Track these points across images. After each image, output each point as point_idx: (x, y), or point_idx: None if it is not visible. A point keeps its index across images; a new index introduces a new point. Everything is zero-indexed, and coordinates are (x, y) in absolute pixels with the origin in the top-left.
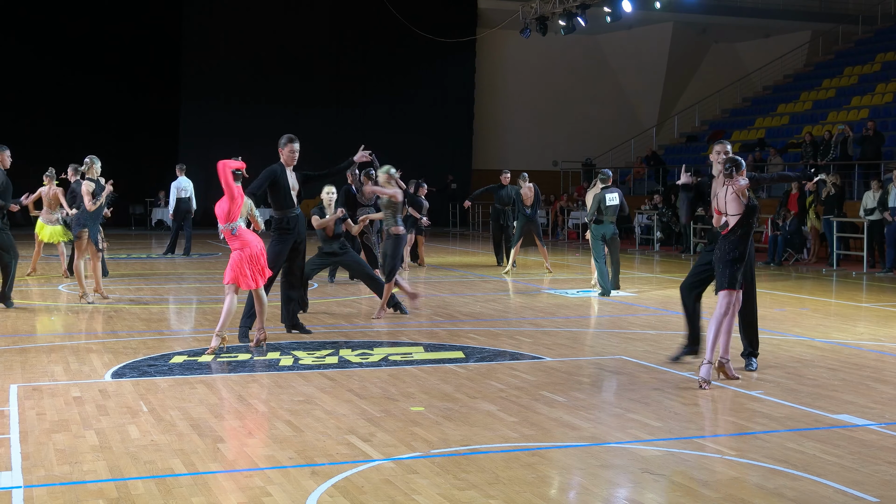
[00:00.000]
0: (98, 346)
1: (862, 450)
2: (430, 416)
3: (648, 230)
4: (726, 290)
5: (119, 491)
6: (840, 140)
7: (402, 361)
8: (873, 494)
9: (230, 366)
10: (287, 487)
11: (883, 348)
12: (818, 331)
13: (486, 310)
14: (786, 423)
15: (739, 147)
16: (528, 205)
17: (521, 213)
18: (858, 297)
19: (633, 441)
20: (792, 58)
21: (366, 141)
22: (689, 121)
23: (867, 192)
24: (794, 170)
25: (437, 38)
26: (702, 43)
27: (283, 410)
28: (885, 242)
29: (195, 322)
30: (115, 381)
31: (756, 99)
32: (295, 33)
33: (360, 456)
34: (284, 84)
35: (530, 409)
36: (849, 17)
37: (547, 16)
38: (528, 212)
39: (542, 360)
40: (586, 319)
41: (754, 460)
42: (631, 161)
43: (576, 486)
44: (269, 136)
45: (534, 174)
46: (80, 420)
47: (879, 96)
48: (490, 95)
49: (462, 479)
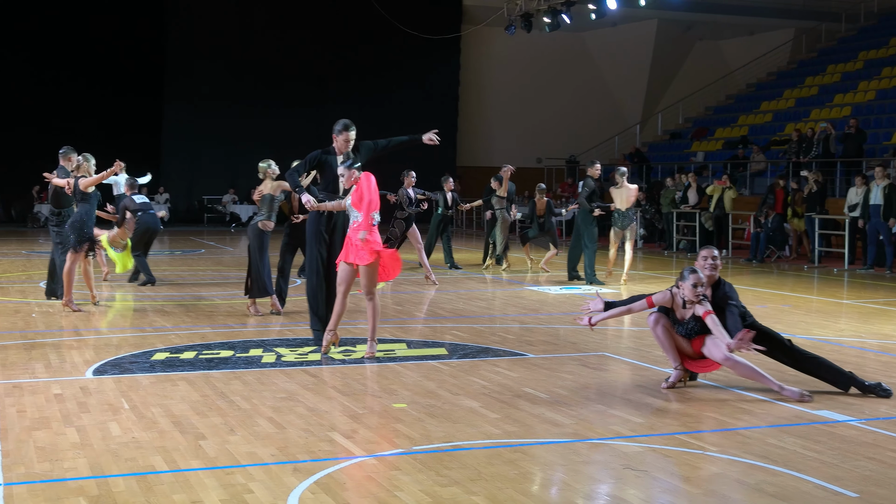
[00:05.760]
0: (79, 343)
1: (842, 445)
2: (412, 413)
3: None
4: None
5: (100, 488)
6: (823, 137)
7: (384, 358)
8: (853, 490)
9: (212, 363)
10: (269, 484)
11: (864, 344)
12: (800, 327)
13: (470, 307)
14: (766, 419)
15: (723, 144)
16: (540, 215)
17: (535, 223)
18: (840, 293)
19: (615, 437)
20: (775, 55)
21: None
22: (672, 118)
23: (851, 189)
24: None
25: (422, 34)
26: (686, 40)
27: (265, 407)
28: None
29: (177, 319)
30: (96, 378)
31: (740, 96)
32: (279, 32)
33: (342, 453)
34: (268, 82)
35: (513, 405)
36: (832, 15)
37: (532, 13)
38: (541, 221)
39: (524, 356)
40: (569, 316)
41: (735, 456)
42: (615, 158)
43: (558, 482)
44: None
45: (518, 171)
46: (61, 417)
47: (862, 94)
48: (475, 92)
49: (444, 476)
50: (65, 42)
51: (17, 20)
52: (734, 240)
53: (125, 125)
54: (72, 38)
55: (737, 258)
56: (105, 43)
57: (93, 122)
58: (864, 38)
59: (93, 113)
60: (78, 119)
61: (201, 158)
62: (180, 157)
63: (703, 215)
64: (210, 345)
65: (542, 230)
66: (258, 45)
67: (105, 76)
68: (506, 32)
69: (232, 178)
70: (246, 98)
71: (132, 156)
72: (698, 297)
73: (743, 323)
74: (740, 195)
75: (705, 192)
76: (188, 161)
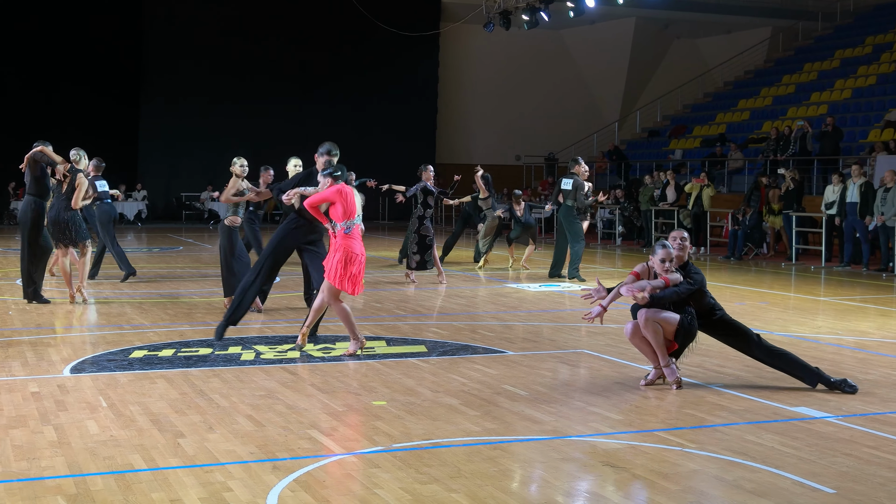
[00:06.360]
0: (56, 341)
1: (819, 442)
2: (392, 411)
3: (610, 224)
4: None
5: (78, 487)
6: (799, 135)
7: (364, 356)
8: (830, 486)
9: (190, 360)
10: (248, 482)
11: (840, 341)
12: (777, 324)
13: (449, 304)
14: (745, 415)
15: (701, 142)
16: (521, 216)
17: (517, 225)
18: (817, 290)
19: (594, 434)
20: (752, 54)
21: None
22: (651, 116)
23: (828, 187)
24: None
25: (400, 31)
26: (664, 38)
27: (244, 405)
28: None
29: (155, 316)
30: (73, 377)
31: (717, 94)
32: (257, 30)
33: (321, 450)
34: (246, 80)
35: (492, 402)
36: (808, 13)
37: (510, 10)
38: (522, 218)
39: (504, 354)
40: (548, 313)
41: (714, 452)
42: (593, 155)
43: (537, 479)
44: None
45: (497, 168)
46: (39, 415)
47: (838, 92)
48: (454, 90)
49: (424, 473)
50: (43, 42)
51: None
52: (712, 237)
53: (101, 123)
54: (49, 38)
55: (715, 256)
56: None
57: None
58: (841, 36)
59: (69, 111)
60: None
61: (179, 156)
62: (158, 154)
63: (682, 213)
64: (189, 342)
65: (523, 228)
66: (236, 43)
67: (81, 74)
68: (484, 30)
69: (210, 176)
70: (224, 96)
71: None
72: (666, 271)
73: (712, 317)
74: (718, 193)
75: (683, 189)
76: (166, 158)
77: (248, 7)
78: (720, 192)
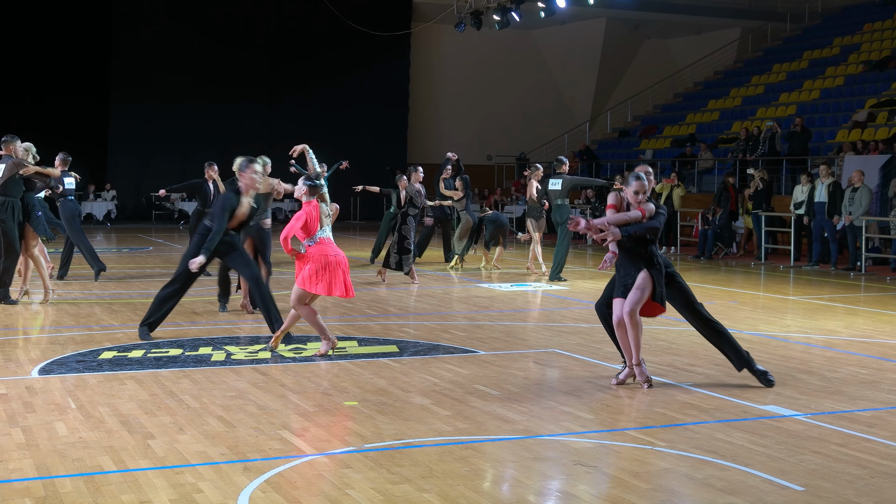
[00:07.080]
0: (24, 342)
1: (788, 440)
2: (363, 411)
3: None
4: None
5: (46, 489)
6: (768, 136)
7: (335, 356)
8: (799, 483)
9: (160, 361)
10: (219, 483)
11: (809, 340)
12: (746, 323)
13: (421, 304)
14: (715, 414)
15: (671, 142)
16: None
17: (488, 226)
18: (786, 290)
19: (565, 433)
20: (722, 54)
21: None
22: (621, 116)
23: (797, 187)
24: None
25: (371, 31)
26: (634, 39)
27: (214, 406)
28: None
29: (125, 317)
30: (42, 378)
31: (687, 94)
32: (227, 30)
33: (292, 451)
34: (217, 82)
35: (464, 402)
36: (777, 14)
37: (482, 10)
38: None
39: (475, 353)
40: (520, 313)
41: (684, 451)
42: (564, 155)
43: (509, 478)
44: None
45: (469, 168)
46: (6, 417)
47: (807, 93)
48: (425, 90)
49: (396, 473)
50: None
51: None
52: (682, 237)
53: (71, 123)
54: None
55: (685, 255)
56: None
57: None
58: (809, 37)
59: (38, 111)
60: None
61: (149, 156)
62: (127, 154)
63: None
64: (158, 343)
65: (495, 228)
66: (206, 43)
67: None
68: (456, 30)
69: (180, 176)
70: (194, 96)
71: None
72: (638, 202)
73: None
74: (688, 193)
75: (654, 189)
76: (136, 158)
77: (218, 8)
78: (690, 191)
